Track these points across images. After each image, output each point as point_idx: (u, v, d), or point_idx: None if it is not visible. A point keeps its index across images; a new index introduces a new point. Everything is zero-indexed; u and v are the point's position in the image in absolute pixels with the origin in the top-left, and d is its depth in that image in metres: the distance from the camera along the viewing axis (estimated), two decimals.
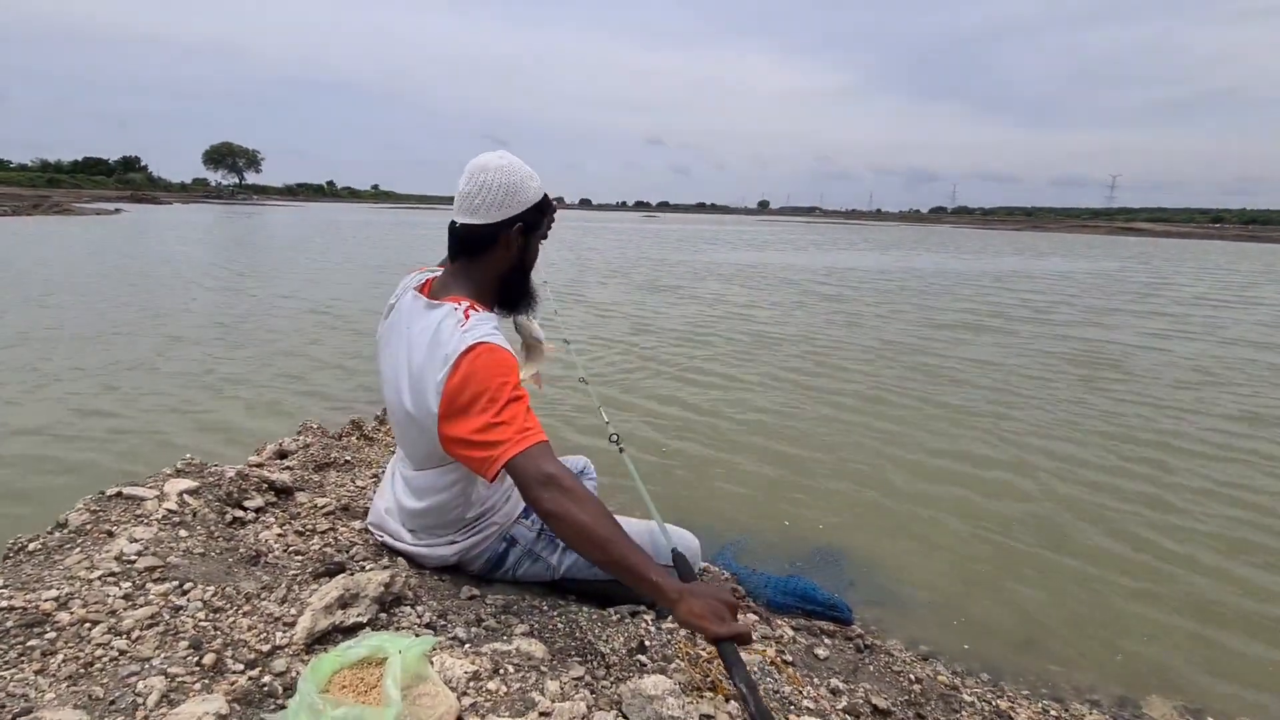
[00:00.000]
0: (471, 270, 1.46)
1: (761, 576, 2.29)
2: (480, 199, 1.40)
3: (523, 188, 1.42)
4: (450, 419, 1.28)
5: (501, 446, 1.22)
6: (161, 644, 1.05)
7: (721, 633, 1.07)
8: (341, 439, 2.62)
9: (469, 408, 1.25)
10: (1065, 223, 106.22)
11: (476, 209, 1.40)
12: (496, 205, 1.40)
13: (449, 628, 1.39)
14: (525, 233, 1.45)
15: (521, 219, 1.43)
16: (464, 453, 1.28)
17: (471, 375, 1.27)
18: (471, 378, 1.26)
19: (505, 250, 1.44)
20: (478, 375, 1.26)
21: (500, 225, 1.41)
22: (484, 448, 1.23)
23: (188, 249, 16.66)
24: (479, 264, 1.46)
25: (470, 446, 1.25)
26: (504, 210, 1.41)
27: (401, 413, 1.40)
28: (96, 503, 1.42)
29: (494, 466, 1.22)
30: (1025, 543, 2.87)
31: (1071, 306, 10.60)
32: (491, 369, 1.27)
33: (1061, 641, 2.19)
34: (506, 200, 1.40)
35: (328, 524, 1.72)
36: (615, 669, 1.37)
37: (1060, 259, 25.04)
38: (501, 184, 1.40)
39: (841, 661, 1.80)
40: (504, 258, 1.45)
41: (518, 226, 1.42)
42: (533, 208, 1.44)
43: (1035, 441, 4.12)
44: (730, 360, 6.21)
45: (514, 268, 1.48)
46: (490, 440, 1.23)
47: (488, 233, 1.42)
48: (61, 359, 5.35)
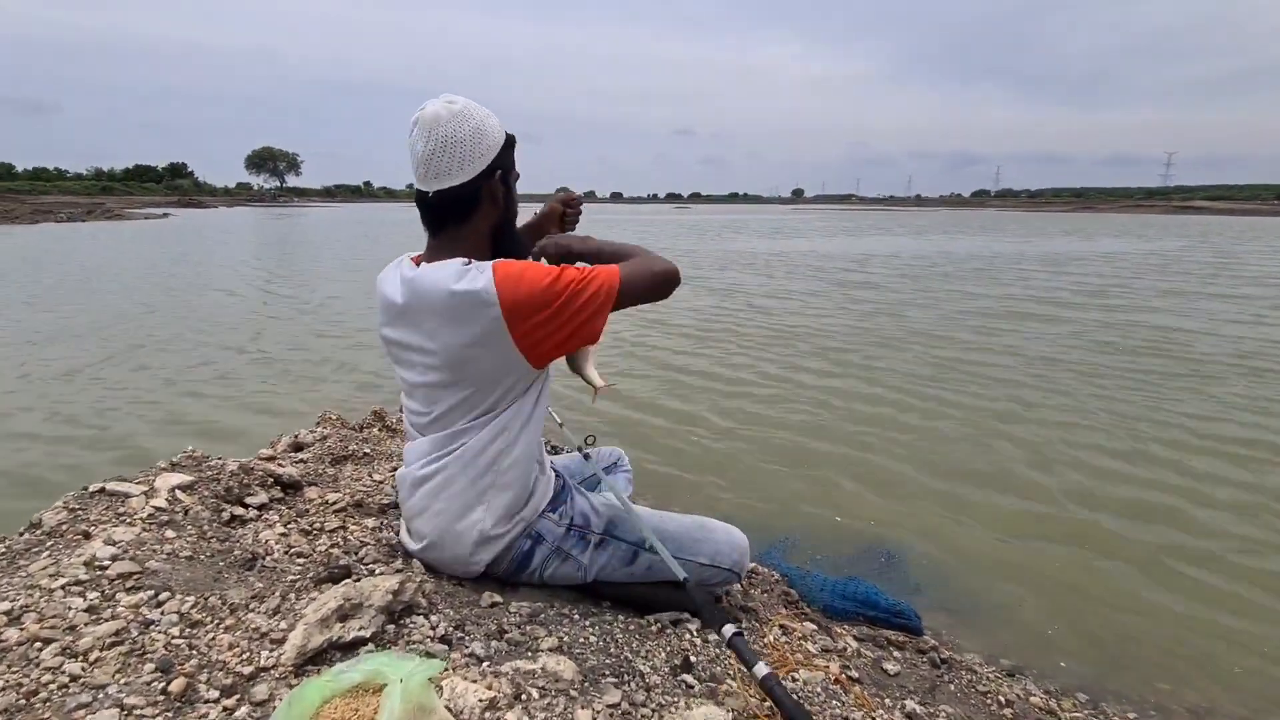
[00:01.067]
0: (459, 238, 1.30)
1: (816, 578, 2.07)
2: (448, 157, 1.23)
3: (487, 129, 1.25)
4: (534, 319, 1.18)
5: (602, 273, 1.22)
6: (123, 667, 0.89)
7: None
8: (362, 430, 2.48)
9: (544, 300, 1.17)
10: (1118, 203, 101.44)
11: (447, 170, 1.23)
12: (468, 159, 1.23)
13: (466, 642, 1.21)
14: (504, 178, 1.29)
15: (498, 164, 1.27)
16: (570, 321, 1.19)
17: (514, 277, 1.17)
18: (519, 279, 1.17)
19: (492, 206, 1.29)
20: (524, 276, 1.18)
21: (479, 179, 1.25)
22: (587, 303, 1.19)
23: (245, 249, 17.04)
24: (466, 229, 1.30)
25: (573, 314, 1.19)
26: (477, 162, 1.24)
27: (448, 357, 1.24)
28: (77, 500, 1.29)
29: (613, 280, 1.21)
30: (1109, 544, 2.57)
31: (1133, 290, 9.98)
32: (526, 265, 1.21)
33: (1166, 656, 1.90)
34: (476, 149, 1.24)
35: (337, 522, 1.56)
36: (657, 692, 1.17)
37: (1114, 239, 23.82)
38: (466, 133, 1.23)
39: (915, 679, 1.57)
40: (491, 213, 1.30)
41: (498, 174, 1.27)
42: (503, 149, 1.29)
43: (1114, 437, 3.78)
44: (755, 350, 5.95)
45: (502, 221, 1.33)
46: (585, 277, 1.19)
47: (468, 192, 1.25)
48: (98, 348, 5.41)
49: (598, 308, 1.20)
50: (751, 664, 0.97)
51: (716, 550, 1.53)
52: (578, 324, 1.19)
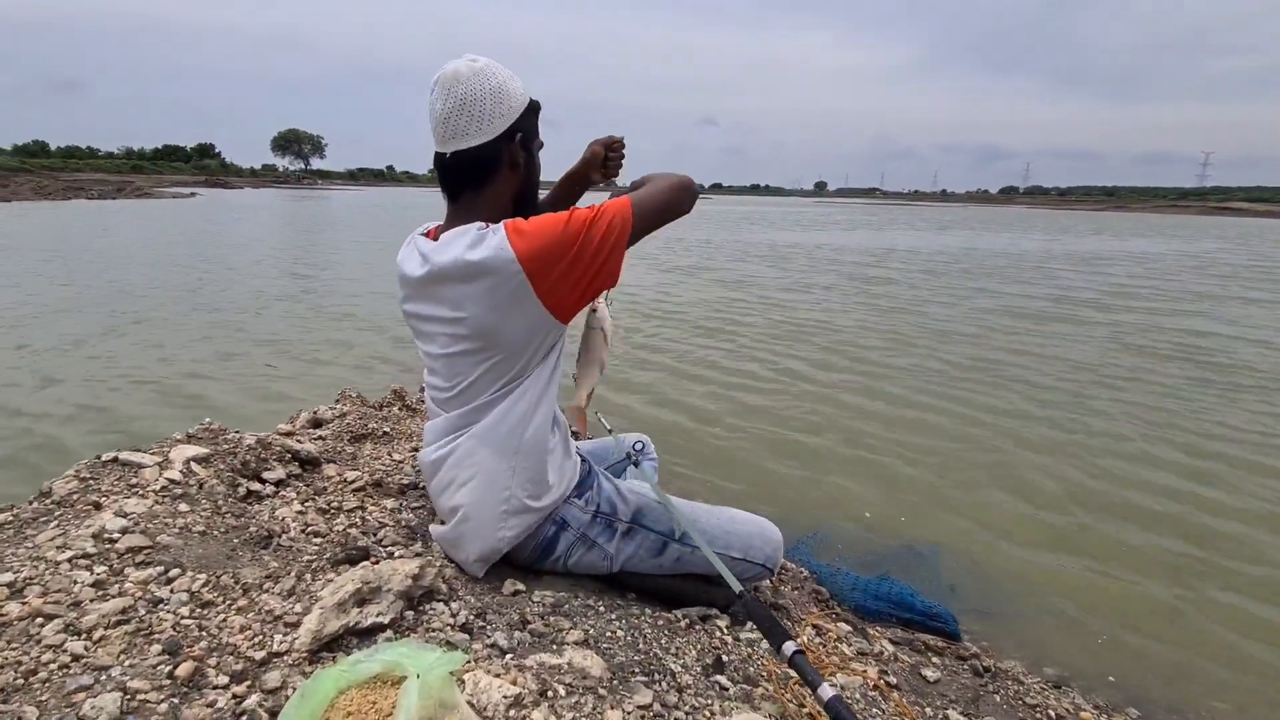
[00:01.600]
0: (478, 204, 1.23)
1: (848, 577, 1.98)
2: (466, 116, 1.17)
3: (509, 90, 1.19)
4: (556, 269, 1.12)
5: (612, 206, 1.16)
6: (128, 647, 0.83)
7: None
8: (382, 409, 2.42)
9: (561, 248, 1.11)
10: (1151, 203, 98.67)
11: (465, 130, 1.18)
12: (487, 118, 1.17)
13: (487, 631, 1.14)
14: (526, 144, 1.23)
15: (519, 128, 1.21)
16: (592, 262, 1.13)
17: (527, 230, 1.12)
18: (533, 232, 1.12)
19: (512, 170, 1.23)
20: (537, 228, 1.13)
21: (499, 141, 1.19)
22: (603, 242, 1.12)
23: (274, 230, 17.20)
24: (485, 194, 1.23)
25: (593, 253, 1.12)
26: (497, 122, 1.18)
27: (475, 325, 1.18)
28: (89, 469, 1.24)
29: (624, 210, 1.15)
30: (1150, 552, 2.45)
31: (1161, 292, 9.68)
32: (536, 218, 1.15)
33: (1222, 672, 1.79)
34: (497, 109, 1.17)
35: (356, 501, 1.51)
36: (689, 693, 1.10)
37: (1142, 239, 23.20)
38: (486, 91, 1.17)
39: (956, 687, 1.48)
40: (512, 179, 1.24)
41: (519, 137, 1.21)
42: (526, 111, 1.22)
43: (1157, 445, 3.63)
44: (772, 344, 5.83)
45: (523, 187, 1.27)
46: (596, 214, 1.13)
47: (487, 154, 1.20)
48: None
49: (614, 244, 1.14)
50: (816, 685, 0.89)
51: (749, 545, 1.46)
52: (597, 265, 1.13)
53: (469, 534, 1.30)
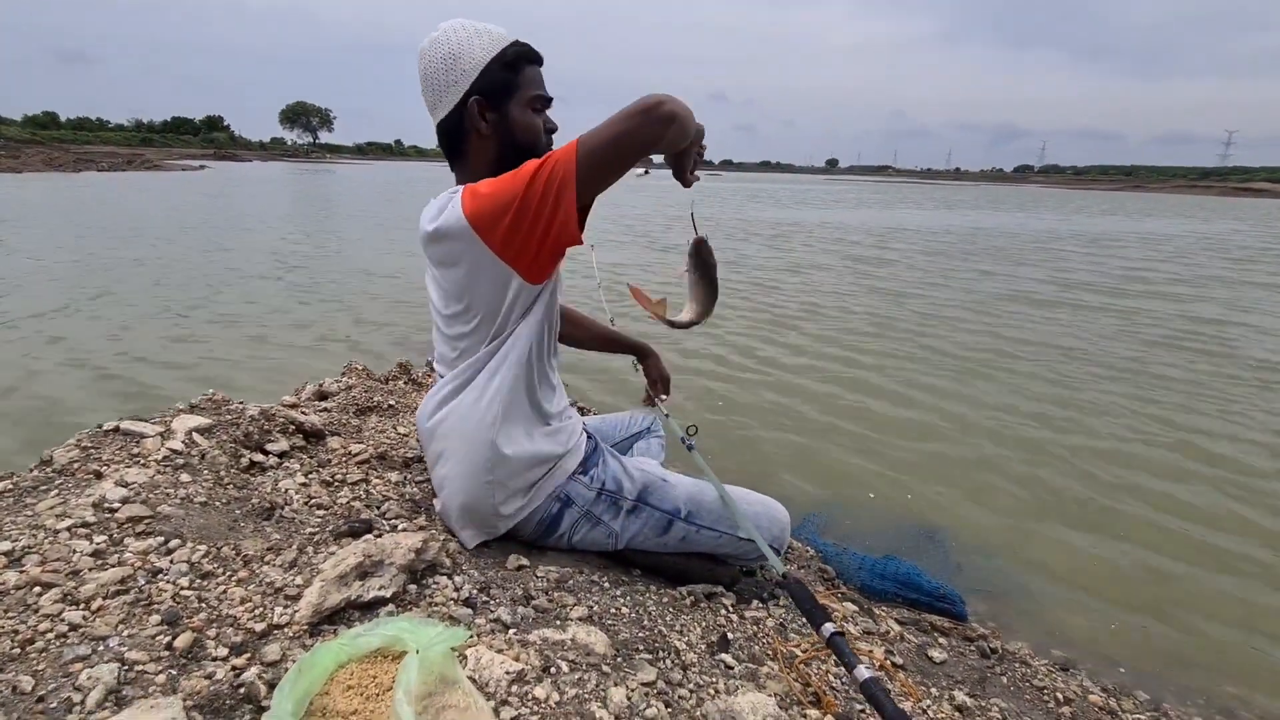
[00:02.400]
0: (465, 173, 1.23)
1: (854, 556, 1.97)
2: (429, 91, 1.17)
3: (463, 52, 1.14)
4: (500, 230, 1.07)
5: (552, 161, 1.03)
6: (127, 618, 0.82)
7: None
8: (388, 382, 2.41)
9: (503, 205, 1.05)
10: (1171, 183, 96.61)
11: (433, 103, 1.18)
12: (445, 88, 1.15)
13: (491, 606, 1.13)
14: (494, 105, 1.16)
15: (477, 90, 1.15)
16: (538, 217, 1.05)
17: (479, 190, 1.09)
18: (482, 190, 1.09)
19: (480, 136, 1.18)
20: (486, 187, 1.09)
21: (459, 108, 1.16)
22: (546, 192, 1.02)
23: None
24: (467, 163, 1.22)
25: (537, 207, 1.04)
26: (454, 89, 1.15)
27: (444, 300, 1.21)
28: (91, 438, 1.23)
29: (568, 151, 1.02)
30: (1158, 534, 2.42)
31: (1166, 274, 9.50)
32: (494, 180, 1.09)
33: (1232, 657, 1.77)
34: (449, 76, 1.14)
35: (360, 474, 1.50)
36: (694, 671, 1.09)
37: (1146, 220, 22.75)
38: (438, 60, 1.14)
39: (963, 669, 1.46)
40: (484, 145, 1.19)
41: (474, 101, 1.15)
42: (488, 68, 1.15)
43: (1165, 426, 3.58)
44: (776, 322, 5.78)
45: (503, 151, 1.19)
46: (541, 161, 1.04)
47: (452, 124, 1.18)
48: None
49: (558, 191, 1.02)
50: (852, 666, 0.88)
51: (755, 523, 1.44)
52: (546, 217, 1.04)
53: (455, 506, 1.30)
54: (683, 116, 1.04)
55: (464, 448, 1.24)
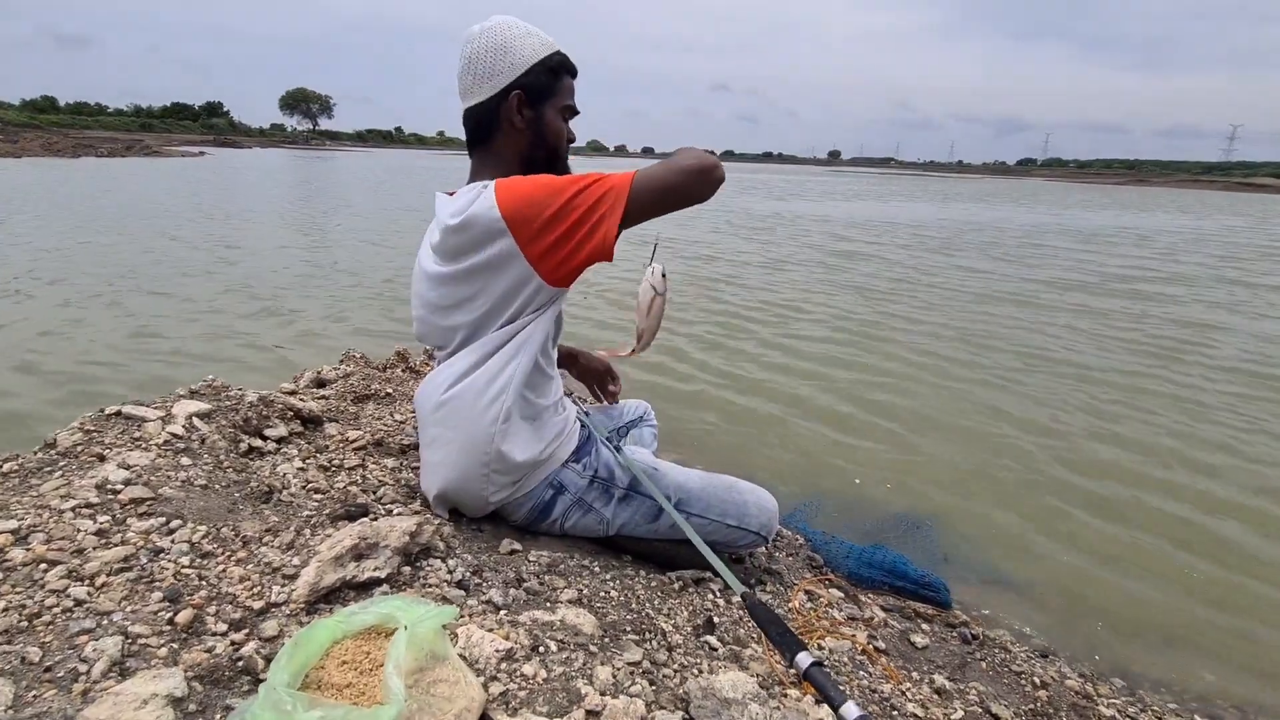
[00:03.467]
0: (487, 161, 1.25)
1: (842, 544, 2.00)
2: (471, 74, 1.20)
3: (513, 47, 1.18)
4: (532, 228, 1.10)
5: (614, 176, 1.10)
6: (130, 594, 0.85)
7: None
8: (385, 370, 2.44)
9: (543, 204, 1.10)
10: (1173, 178, 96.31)
11: (469, 87, 1.21)
12: (487, 75, 1.18)
13: (483, 588, 1.17)
14: (531, 102, 1.20)
15: (520, 85, 1.18)
16: (574, 228, 1.10)
17: (518, 185, 1.12)
18: (522, 186, 1.12)
19: (512, 129, 1.21)
20: (528, 184, 1.12)
21: (497, 98, 1.19)
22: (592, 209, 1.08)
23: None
24: (492, 152, 1.25)
25: (577, 219, 1.09)
26: (496, 79, 1.18)
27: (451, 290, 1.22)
28: (94, 422, 1.26)
29: (623, 181, 1.09)
30: (1143, 522, 2.46)
31: (1157, 273, 9.51)
32: (537, 179, 1.14)
33: (1211, 645, 1.81)
34: (497, 65, 1.17)
35: (357, 460, 1.53)
36: (679, 652, 1.12)
37: (1137, 215, 22.69)
38: (487, 48, 1.17)
39: (944, 654, 1.50)
40: (515, 138, 1.23)
41: (515, 94, 1.19)
42: (534, 69, 1.19)
43: (1151, 415, 3.61)
44: (765, 312, 5.80)
45: (533, 149, 1.24)
46: (592, 178, 1.10)
47: (485, 112, 1.21)
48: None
49: (604, 214, 1.08)
50: (838, 704, 0.75)
51: (744, 512, 1.47)
52: (584, 232, 1.09)
53: (446, 489, 1.32)
54: (723, 173, 1.16)
55: (466, 440, 1.26)
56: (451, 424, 1.26)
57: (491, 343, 1.22)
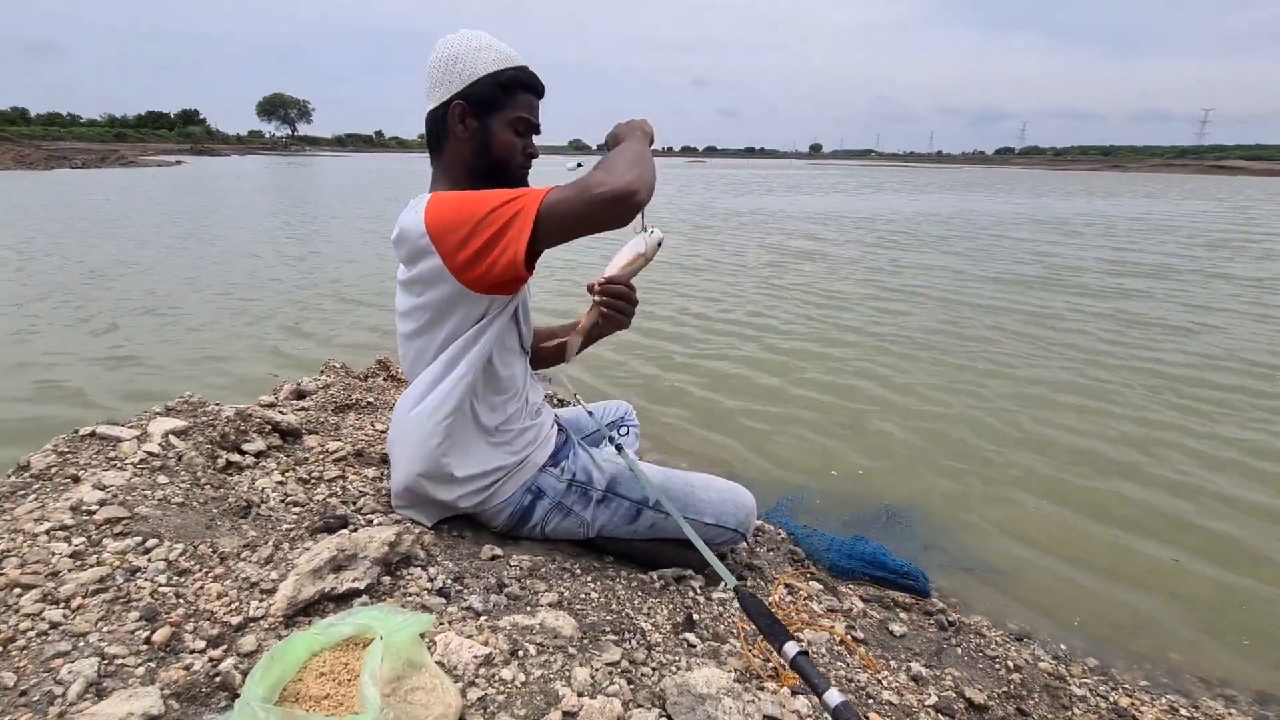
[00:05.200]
0: (439, 169, 1.30)
1: (823, 537, 2.04)
2: (428, 81, 1.24)
3: (467, 58, 1.20)
4: (451, 242, 1.12)
5: (528, 194, 1.10)
6: (106, 615, 0.86)
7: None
8: (366, 380, 2.44)
9: (462, 219, 1.12)
10: (1149, 163, 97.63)
11: (427, 93, 1.25)
12: (438, 83, 1.22)
13: (464, 595, 1.18)
14: (475, 113, 1.22)
15: (463, 95, 1.20)
16: (489, 245, 1.11)
17: (444, 200, 1.15)
18: (446, 201, 1.15)
19: (456, 138, 1.24)
20: (452, 199, 1.15)
21: (443, 107, 1.22)
22: (505, 226, 1.09)
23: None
24: (443, 160, 1.28)
25: (492, 235, 1.10)
26: (445, 88, 1.21)
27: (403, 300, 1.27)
28: (68, 443, 1.26)
29: (533, 203, 1.08)
30: (1116, 507, 2.52)
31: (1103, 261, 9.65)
32: (462, 194, 1.16)
33: (1179, 624, 1.86)
34: (446, 75, 1.21)
35: (337, 471, 1.54)
36: (658, 650, 1.15)
37: (1100, 201, 23.02)
38: (442, 58, 1.21)
39: (922, 641, 1.54)
40: (460, 148, 1.25)
41: (457, 104, 1.21)
42: (481, 81, 1.21)
43: (1127, 395, 3.68)
44: (745, 304, 5.84)
45: (476, 159, 1.25)
46: (509, 196, 1.10)
47: (435, 119, 1.25)
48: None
49: (514, 232, 1.08)
50: (821, 690, 0.81)
51: (721, 510, 1.50)
52: (499, 247, 1.09)
53: (407, 499, 1.35)
54: (648, 194, 1.09)
55: (413, 454, 1.29)
56: (401, 441, 1.30)
57: (440, 365, 1.24)
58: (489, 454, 1.34)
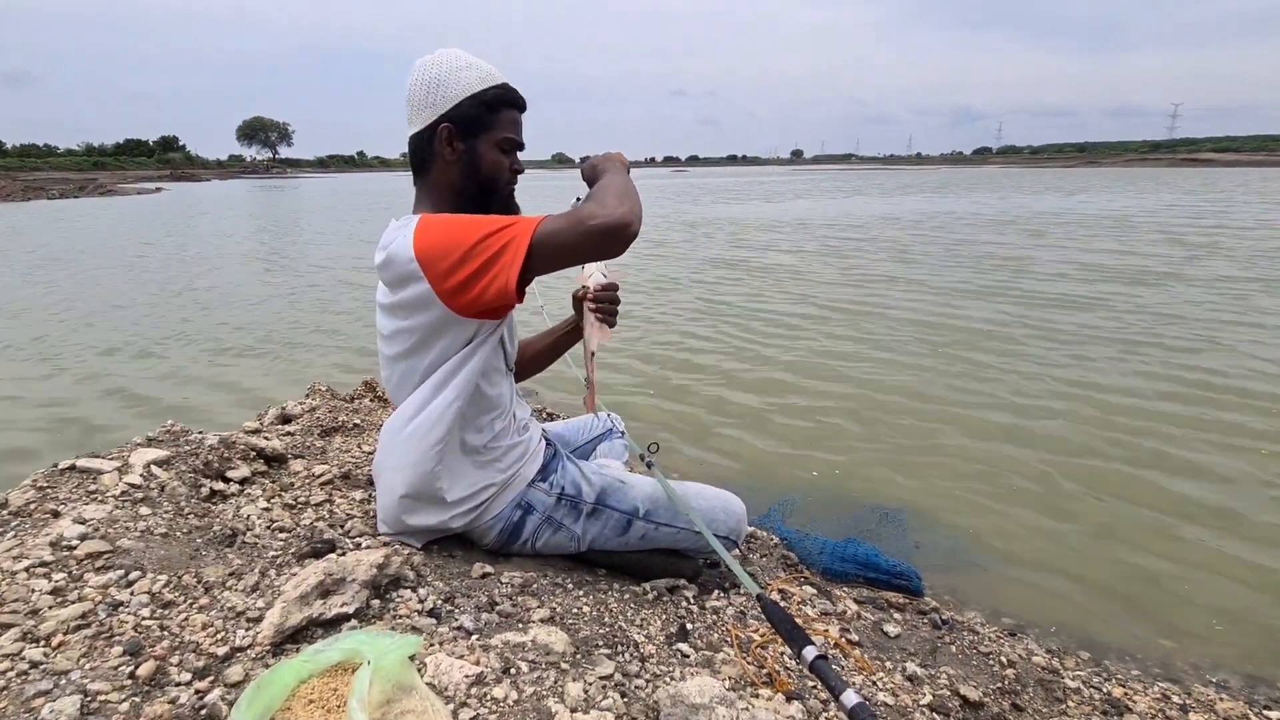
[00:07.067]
0: (423, 191, 1.28)
1: (815, 540, 2.04)
2: (410, 105, 1.23)
3: (449, 80, 1.19)
4: (441, 268, 1.12)
5: (521, 223, 1.10)
6: (89, 651, 0.85)
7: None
8: (353, 401, 2.43)
9: (452, 246, 1.11)
10: (1123, 157, 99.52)
11: (409, 118, 1.24)
12: (421, 106, 1.21)
13: (455, 615, 1.17)
14: (461, 135, 1.22)
15: (449, 118, 1.20)
16: (479, 273, 1.10)
17: (433, 224, 1.15)
18: (436, 225, 1.14)
19: (444, 161, 1.23)
20: (441, 224, 1.15)
21: (429, 130, 1.22)
22: (497, 255, 1.08)
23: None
24: (427, 183, 1.27)
25: (482, 264, 1.09)
26: (429, 111, 1.21)
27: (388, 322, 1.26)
28: (47, 478, 1.24)
29: (525, 232, 1.08)
30: (1112, 498, 2.54)
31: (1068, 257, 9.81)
32: (451, 218, 1.16)
33: (1170, 614, 1.88)
34: (429, 98, 1.20)
35: (324, 495, 1.52)
36: (652, 662, 1.14)
37: (1063, 197, 23.40)
38: (422, 81, 1.20)
39: (916, 640, 1.54)
40: (447, 170, 1.24)
41: (444, 128, 1.20)
42: (465, 102, 1.20)
43: (1117, 398, 3.73)
44: (720, 313, 5.87)
45: (464, 181, 1.25)
46: (501, 225, 1.10)
47: (417, 143, 1.24)
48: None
49: (507, 260, 1.08)
50: (839, 692, 0.83)
51: (712, 519, 1.49)
52: (490, 274, 1.09)
53: (397, 523, 1.34)
54: (639, 225, 1.09)
55: (405, 485, 1.28)
56: (391, 465, 1.29)
57: (428, 388, 1.23)
58: (479, 474, 1.34)
